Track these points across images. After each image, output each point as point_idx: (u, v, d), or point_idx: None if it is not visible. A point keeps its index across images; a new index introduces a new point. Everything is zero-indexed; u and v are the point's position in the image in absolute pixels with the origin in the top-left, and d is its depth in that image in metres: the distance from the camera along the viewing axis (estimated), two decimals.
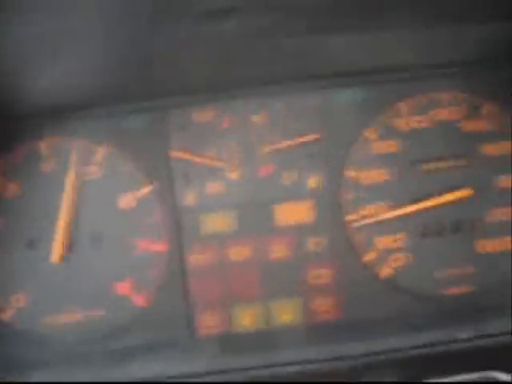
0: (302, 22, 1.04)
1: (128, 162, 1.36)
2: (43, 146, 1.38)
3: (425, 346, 1.26)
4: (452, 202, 1.36)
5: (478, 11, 1.09)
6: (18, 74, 1.19)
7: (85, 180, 1.37)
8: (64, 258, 1.36)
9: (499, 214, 1.37)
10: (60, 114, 1.37)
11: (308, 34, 1.11)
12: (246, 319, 1.37)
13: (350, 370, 1.27)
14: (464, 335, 1.25)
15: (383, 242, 1.37)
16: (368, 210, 1.37)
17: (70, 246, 1.36)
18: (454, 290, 1.37)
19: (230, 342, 1.36)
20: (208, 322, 1.37)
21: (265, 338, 1.36)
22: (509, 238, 1.38)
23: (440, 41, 1.22)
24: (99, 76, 1.24)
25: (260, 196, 1.37)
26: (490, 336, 1.26)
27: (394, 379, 1.24)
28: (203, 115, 1.37)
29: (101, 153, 1.37)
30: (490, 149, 1.37)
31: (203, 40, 1.10)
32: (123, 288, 1.36)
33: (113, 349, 1.35)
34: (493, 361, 1.28)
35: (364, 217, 1.37)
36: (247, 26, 1.04)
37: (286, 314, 1.37)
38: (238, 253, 1.37)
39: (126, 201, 1.36)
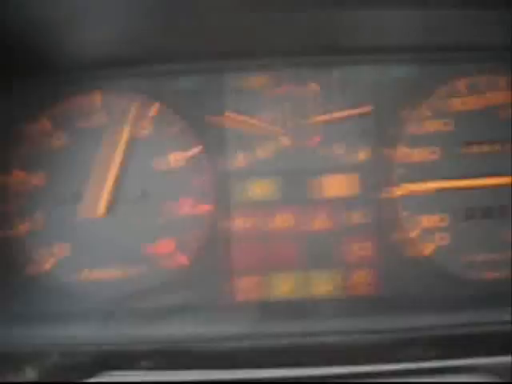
0: None
1: (180, 120, 1.36)
2: (96, 99, 1.37)
3: (465, 325, 1.26)
4: (498, 186, 1.35)
5: None
6: (75, 25, 1.19)
7: (136, 136, 1.36)
8: (109, 213, 1.35)
9: None
10: (115, 69, 1.37)
11: (365, 7, 1.10)
12: (285, 287, 1.38)
13: (386, 344, 1.27)
14: (507, 317, 1.25)
15: (428, 220, 1.37)
16: (415, 186, 1.37)
17: (116, 202, 1.36)
18: (492, 275, 1.37)
19: (268, 308, 1.37)
20: (247, 287, 1.38)
21: (302, 307, 1.36)
22: None
23: (499, 21, 1.21)
24: (155, 34, 1.24)
25: (308, 165, 1.37)
26: None
27: (433, 357, 1.24)
28: (259, 79, 1.37)
29: (154, 110, 1.37)
30: None
31: (263, 4, 1.09)
32: (167, 246, 1.36)
33: (152, 306, 1.35)
34: None
35: (411, 193, 1.36)
36: None
37: (324, 284, 1.37)
38: (282, 220, 1.37)
39: (176, 159, 1.36)
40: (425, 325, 1.28)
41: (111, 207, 1.36)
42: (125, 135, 1.35)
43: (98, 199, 1.35)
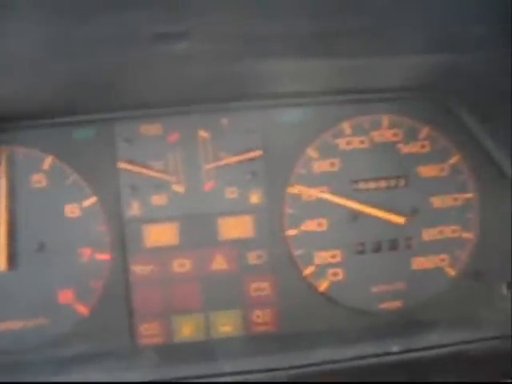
0: (249, 48, 1.08)
1: (74, 172, 1.37)
2: None
3: (356, 358, 1.31)
4: (386, 221, 1.41)
5: (416, 43, 1.14)
6: None
7: (30, 188, 1.37)
8: (7, 267, 1.36)
9: (434, 233, 1.43)
10: (7, 123, 1.37)
11: (253, 58, 1.14)
12: (187, 329, 1.41)
13: (284, 381, 1.31)
14: (395, 348, 1.31)
15: (322, 256, 1.42)
16: (308, 225, 1.42)
17: (14, 255, 1.37)
18: (387, 305, 1.42)
19: (170, 351, 1.39)
20: (149, 332, 1.40)
21: (204, 349, 1.39)
22: (441, 256, 1.44)
23: (379, 68, 1.27)
24: (47, 88, 1.25)
25: (203, 209, 1.40)
26: (419, 350, 1.32)
27: None
28: (150, 128, 1.39)
29: (47, 162, 1.38)
30: (427, 170, 1.43)
31: (152, 60, 1.12)
32: (66, 297, 1.38)
33: (54, 357, 1.36)
34: (422, 373, 1.34)
35: (304, 232, 1.41)
36: (196, 49, 1.07)
37: (225, 325, 1.41)
38: (180, 264, 1.40)
39: (71, 210, 1.38)
40: (323, 359, 1.32)
41: (10, 260, 1.37)
42: (4, 187, 1.36)
43: None
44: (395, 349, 1.32)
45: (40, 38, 0.98)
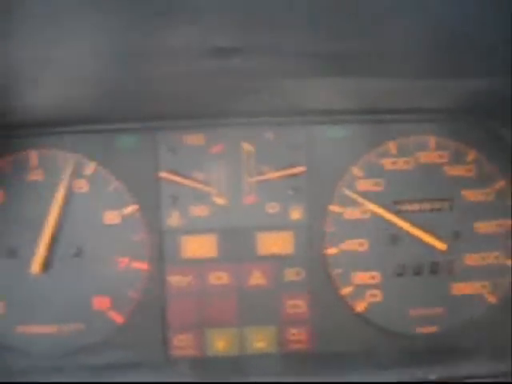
0: (299, 66, 1.07)
1: (115, 179, 1.37)
2: (32, 157, 1.38)
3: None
4: (428, 244, 1.38)
5: (466, 66, 1.12)
6: (11, 85, 1.20)
7: (72, 194, 1.37)
8: (44, 270, 1.35)
9: (476, 259, 1.40)
10: (52, 127, 1.37)
11: (302, 75, 1.13)
12: (220, 343, 1.39)
13: None
14: (432, 376, 1.28)
15: (360, 277, 1.40)
16: (348, 244, 1.39)
17: (51, 259, 1.37)
18: (424, 330, 1.40)
19: (203, 365, 1.38)
20: (182, 344, 1.39)
21: (237, 364, 1.38)
22: (482, 283, 1.41)
23: (427, 89, 1.25)
24: (93, 94, 1.25)
25: (243, 223, 1.39)
26: (457, 379, 1.29)
27: None
28: (194, 138, 1.38)
29: (90, 168, 1.37)
30: (472, 195, 1.40)
31: (200, 72, 1.11)
32: (101, 304, 1.37)
33: (85, 364, 1.36)
34: None
35: (344, 251, 1.39)
36: (247, 64, 1.06)
37: (259, 341, 1.39)
38: (216, 278, 1.39)
39: (111, 217, 1.37)
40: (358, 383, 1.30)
41: (46, 264, 1.36)
42: (60, 193, 1.36)
43: (34, 256, 1.35)
44: (432, 377, 1.29)
45: (90, 45, 0.98)
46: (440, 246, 1.38)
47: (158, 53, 1.00)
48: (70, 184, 1.38)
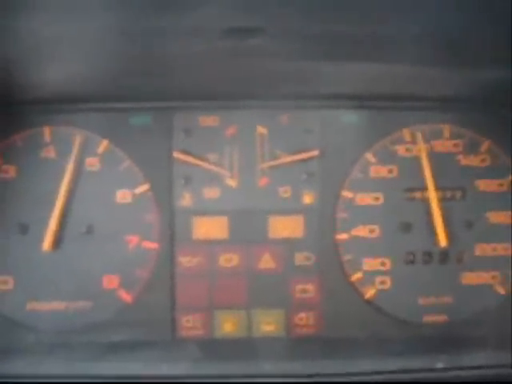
0: (318, 48, 1.06)
1: (128, 158, 1.37)
2: (45, 134, 1.38)
3: (399, 371, 1.28)
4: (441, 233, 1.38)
5: (484, 55, 1.11)
6: (27, 61, 1.19)
7: (83, 171, 1.37)
8: (55, 247, 1.35)
9: (487, 249, 1.40)
10: (65, 104, 1.37)
11: (320, 58, 1.12)
12: (228, 325, 1.39)
13: None
14: (440, 365, 1.28)
15: (370, 264, 1.39)
16: (359, 230, 1.39)
17: (62, 236, 1.36)
18: (432, 318, 1.39)
19: (210, 346, 1.38)
20: (190, 324, 1.39)
21: (244, 347, 1.38)
22: (492, 273, 1.40)
23: (444, 77, 1.24)
24: (108, 72, 1.24)
25: (255, 206, 1.39)
26: (464, 368, 1.29)
27: None
28: (209, 120, 1.38)
29: (102, 146, 1.37)
30: (485, 185, 1.39)
31: (219, 53, 1.11)
32: (110, 282, 1.37)
33: (94, 342, 1.36)
34: None
35: (354, 237, 1.39)
36: (267, 46, 1.05)
37: (267, 324, 1.39)
38: (227, 259, 1.39)
39: (122, 196, 1.37)
40: (365, 369, 1.30)
41: (57, 241, 1.36)
42: (71, 169, 1.35)
43: (44, 233, 1.35)
44: (440, 365, 1.29)
45: (106, 23, 0.97)
46: (449, 236, 1.36)
47: (174, 32, 0.99)
48: (81, 161, 1.37)
